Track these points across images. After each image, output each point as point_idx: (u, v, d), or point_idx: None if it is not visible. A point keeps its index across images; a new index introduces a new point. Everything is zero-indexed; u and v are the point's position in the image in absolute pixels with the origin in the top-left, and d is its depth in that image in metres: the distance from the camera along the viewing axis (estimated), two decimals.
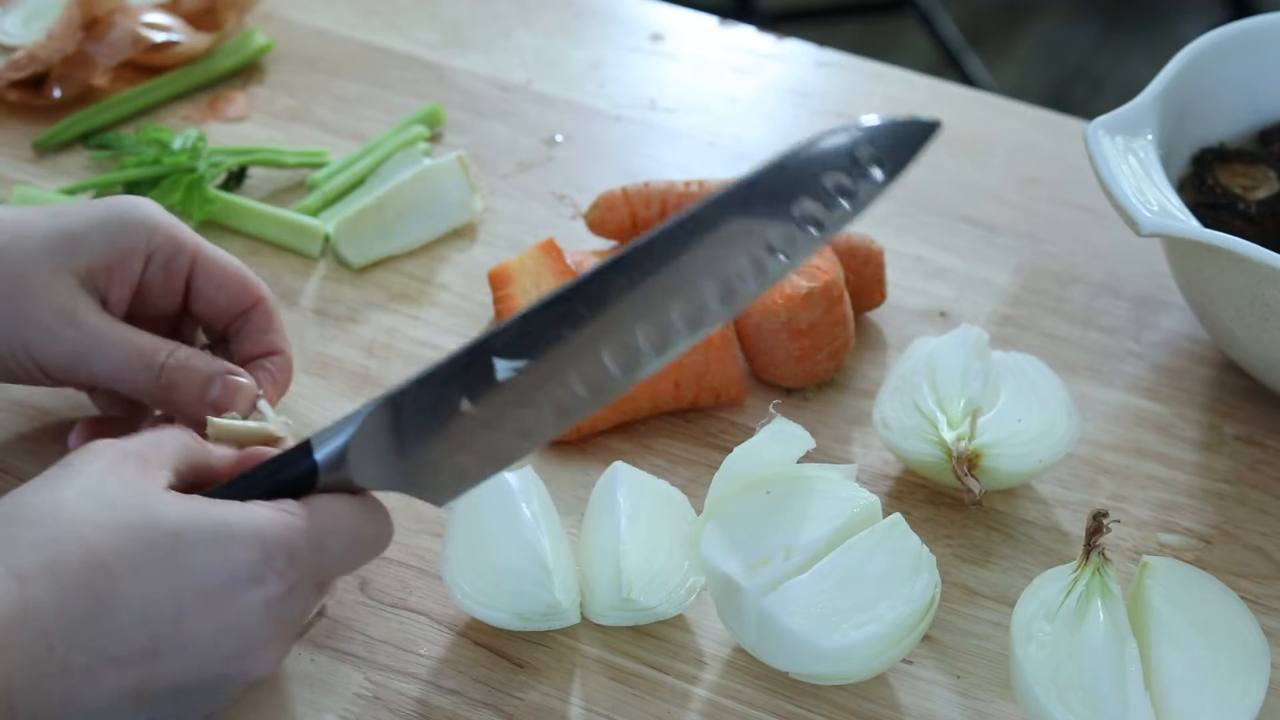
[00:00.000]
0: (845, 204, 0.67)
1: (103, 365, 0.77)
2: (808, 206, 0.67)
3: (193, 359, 0.78)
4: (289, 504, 0.67)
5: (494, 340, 0.67)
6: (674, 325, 0.67)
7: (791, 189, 0.67)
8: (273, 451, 0.72)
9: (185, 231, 0.81)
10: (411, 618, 0.77)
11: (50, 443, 0.86)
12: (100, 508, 0.63)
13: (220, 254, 0.82)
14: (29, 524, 0.62)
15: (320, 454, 0.68)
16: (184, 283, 0.81)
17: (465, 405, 0.67)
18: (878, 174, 0.68)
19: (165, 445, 0.69)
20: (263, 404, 0.79)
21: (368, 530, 0.69)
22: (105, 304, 0.79)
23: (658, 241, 0.66)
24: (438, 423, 0.67)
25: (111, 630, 0.61)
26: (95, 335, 0.77)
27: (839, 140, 0.68)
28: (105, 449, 0.67)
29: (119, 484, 0.64)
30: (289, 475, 0.68)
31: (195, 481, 0.70)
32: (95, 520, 0.62)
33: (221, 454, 0.72)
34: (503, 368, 0.67)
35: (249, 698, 0.73)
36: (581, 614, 0.76)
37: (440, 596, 0.77)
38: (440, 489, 0.69)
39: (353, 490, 0.69)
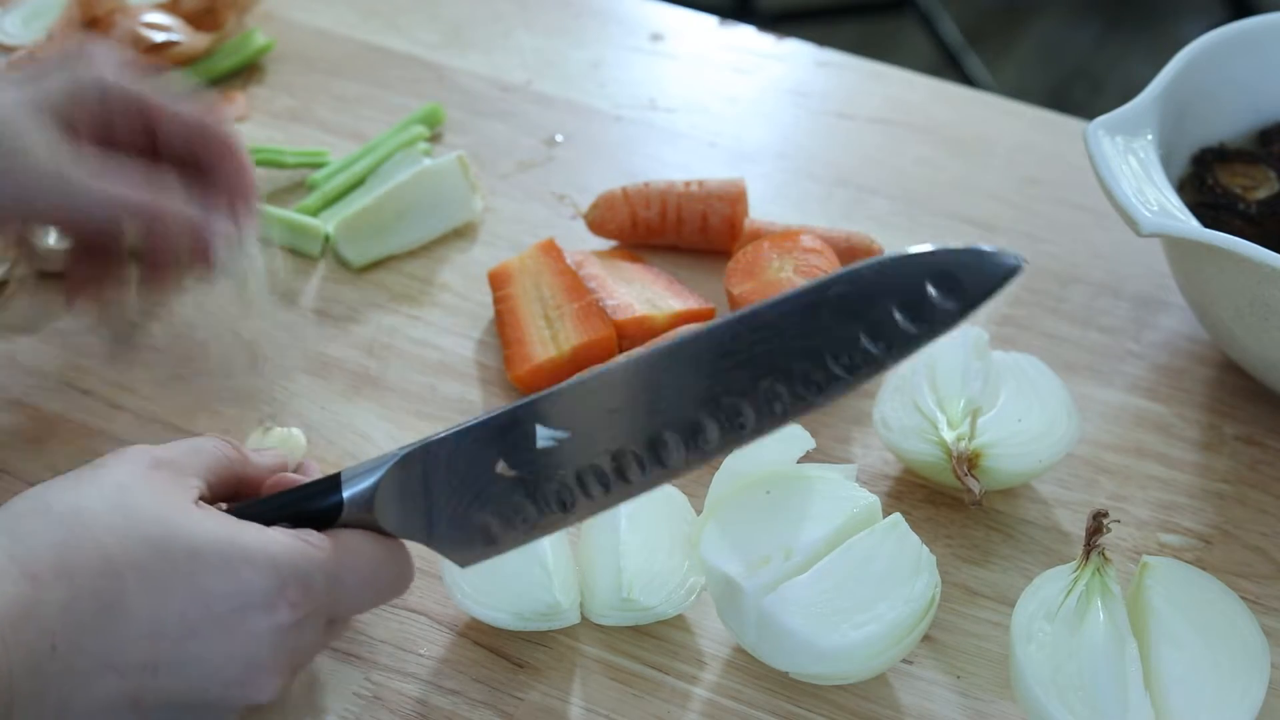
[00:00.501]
0: (912, 329, 0.64)
1: (91, 201, 0.76)
2: (879, 322, 0.64)
3: (180, 204, 0.78)
4: (311, 534, 0.66)
5: (541, 405, 0.66)
6: (734, 423, 0.65)
7: (863, 305, 0.64)
8: (301, 479, 0.71)
9: (136, 85, 0.80)
10: (411, 618, 0.77)
11: (50, 442, 0.86)
12: (122, 516, 0.62)
13: (179, 104, 0.81)
14: (49, 523, 0.62)
15: (348, 491, 0.67)
16: (147, 133, 0.80)
17: (501, 467, 0.66)
18: (950, 305, 0.64)
19: (201, 454, 0.68)
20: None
21: (387, 571, 0.68)
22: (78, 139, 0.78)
23: (729, 330, 0.65)
24: (470, 480, 0.66)
25: (116, 639, 0.61)
26: (82, 173, 0.76)
27: (915, 267, 0.64)
28: (139, 455, 0.66)
29: (146, 493, 0.64)
30: (315, 507, 0.67)
31: (232, 492, 0.70)
32: (115, 528, 0.62)
33: (260, 463, 0.72)
34: (544, 435, 0.66)
35: None
36: (581, 614, 0.76)
37: (440, 596, 0.77)
38: (465, 549, 0.68)
39: (378, 530, 0.68)
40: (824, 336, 0.64)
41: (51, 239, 0.96)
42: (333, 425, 0.88)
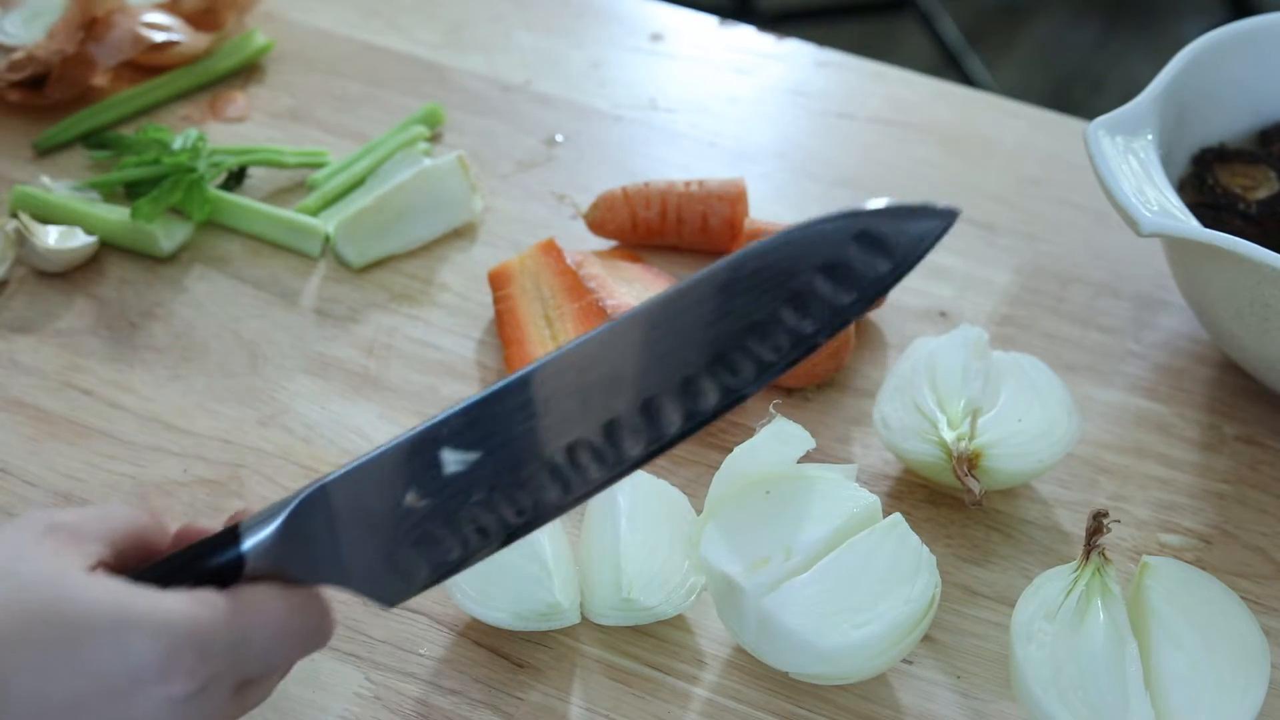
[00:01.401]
0: (842, 296, 0.60)
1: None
2: (795, 297, 0.60)
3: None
4: (208, 594, 0.59)
5: (440, 429, 0.61)
6: (649, 417, 0.61)
7: (780, 279, 0.60)
8: (206, 530, 0.65)
9: None
10: (412, 618, 0.77)
11: (49, 442, 0.86)
12: (9, 587, 0.58)
13: None
14: None
15: (248, 542, 0.62)
16: None
17: (411, 498, 0.62)
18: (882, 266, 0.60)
19: (107, 519, 0.63)
20: None
21: (300, 624, 0.62)
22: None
23: (628, 323, 0.61)
24: (378, 515, 0.62)
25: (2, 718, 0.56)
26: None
27: (837, 226, 0.60)
28: (35, 519, 0.61)
29: (35, 559, 0.59)
30: (216, 563, 0.62)
31: (145, 559, 0.64)
32: (1, 599, 0.57)
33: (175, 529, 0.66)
34: (451, 460, 0.61)
35: None
36: (581, 614, 0.76)
37: (440, 596, 0.77)
38: (385, 588, 0.62)
39: (289, 580, 0.62)
40: (745, 318, 0.60)
41: (51, 239, 0.96)
42: (333, 425, 0.88)
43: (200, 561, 0.62)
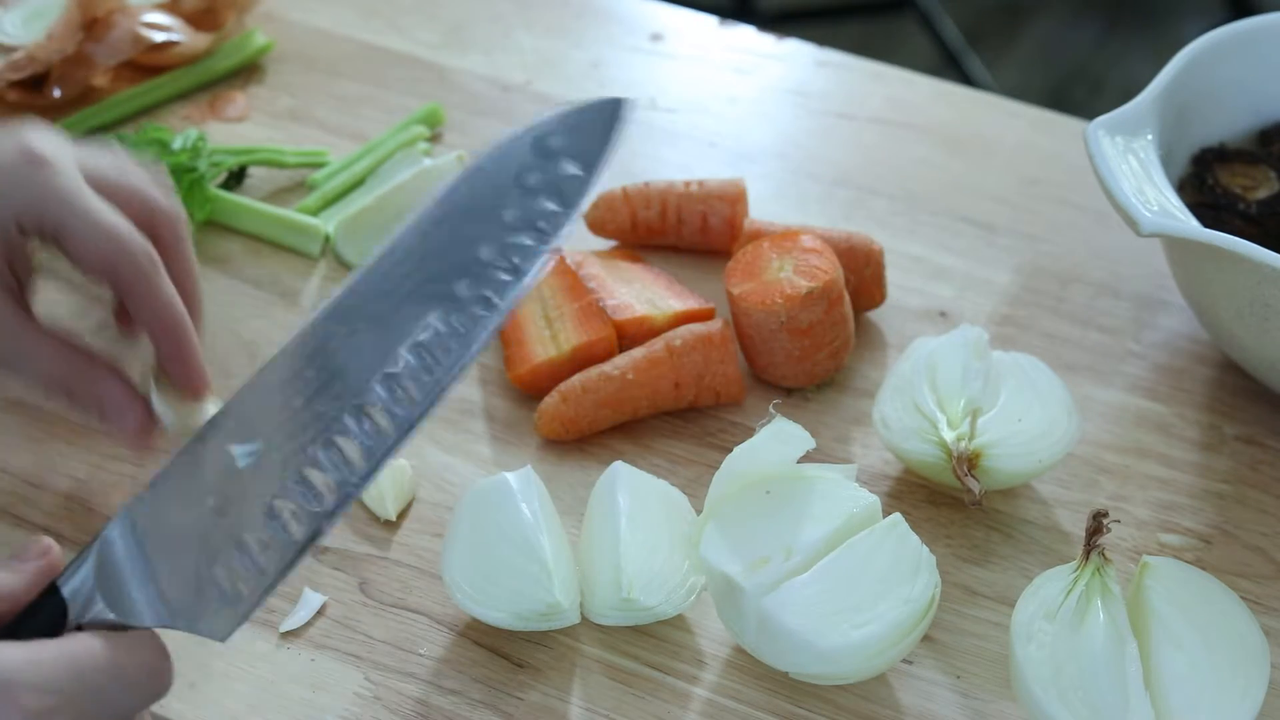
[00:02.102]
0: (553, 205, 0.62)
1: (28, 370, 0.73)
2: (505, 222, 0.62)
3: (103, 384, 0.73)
4: (28, 646, 0.56)
5: (219, 426, 0.60)
6: (422, 359, 0.60)
7: (489, 206, 0.62)
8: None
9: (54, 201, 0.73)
10: (412, 618, 0.77)
11: (49, 441, 0.86)
12: None
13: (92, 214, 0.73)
14: None
15: (66, 588, 0.59)
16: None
17: (210, 504, 0.60)
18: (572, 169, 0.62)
19: None
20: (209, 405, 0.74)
21: (129, 672, 0.58)
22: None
23: (374, 272, 0.62)
24: (183, 534, 0.59)
25: None
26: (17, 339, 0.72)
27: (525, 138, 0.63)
28: None
29: None
30: (40, 616, 0.59)
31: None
32: None
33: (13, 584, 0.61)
34: (240, 454, 0.60)
35: (248, 698, 0.73)
36: (581, 614, 0.76)
37: (440, 596, 0.77)
38: (210, 617, 0.59)
39: (119, 626, 0.59)
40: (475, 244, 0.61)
41: None
42: None
43: (27, 620, 0.59)
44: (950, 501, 0.84)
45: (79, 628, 0.59)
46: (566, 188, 0.62)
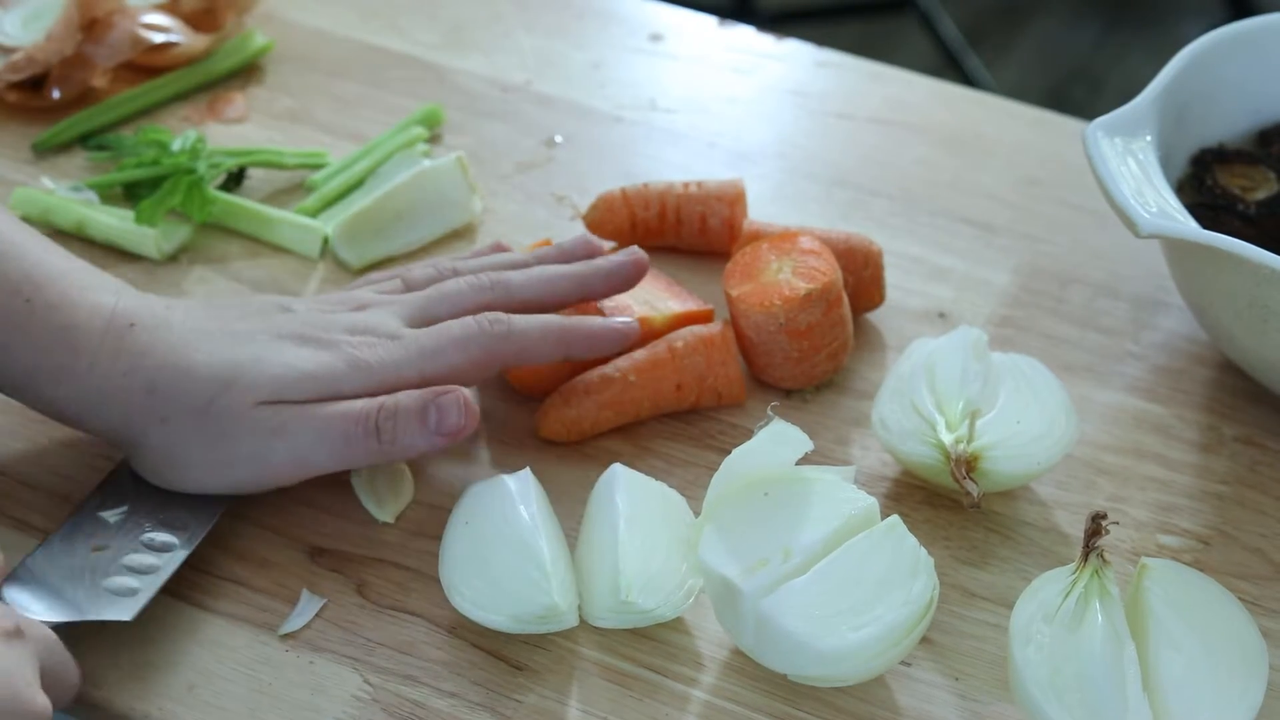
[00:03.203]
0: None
1: (323, 455, 0.77)
2: None
3: (400, 401, 0.77)
4: None
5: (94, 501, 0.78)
6: None
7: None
8: None
9: None
10: (410, 620, 0.77)
11: (48, 443, 0.86)
12: None
13: None
14: None
15: None
16: None
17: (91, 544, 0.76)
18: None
19: None
20: None
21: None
22: None
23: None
24: (74, 568, 0.74)
25: None
26: (304, 431, 0.77)
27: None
28: None
29: None
30: None
31: None
32: None
33: None
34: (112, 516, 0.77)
35: (246, 701, 0.73)
36: (580, 616, 0.76)
37: (438, 599, 0.77)
38: (111, 610, 0.72)
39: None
40: None
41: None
42: None
43: None
44: (949, 503, 0.84)
45: None
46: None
